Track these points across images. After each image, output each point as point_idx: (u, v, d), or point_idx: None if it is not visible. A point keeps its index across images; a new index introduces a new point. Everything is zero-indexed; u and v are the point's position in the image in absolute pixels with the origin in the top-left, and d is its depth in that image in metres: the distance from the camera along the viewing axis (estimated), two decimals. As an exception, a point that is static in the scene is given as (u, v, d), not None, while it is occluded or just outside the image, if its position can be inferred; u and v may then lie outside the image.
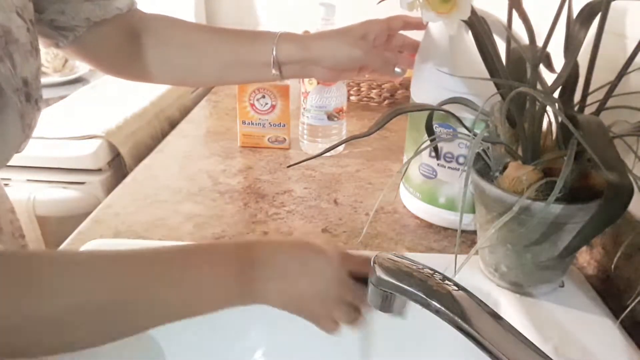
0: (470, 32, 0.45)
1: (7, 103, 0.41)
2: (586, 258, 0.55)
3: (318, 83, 0.80)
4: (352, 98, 1.14)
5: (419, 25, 0.61)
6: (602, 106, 0.43)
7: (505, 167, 0.46)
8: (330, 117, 0.84)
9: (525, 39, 0.43)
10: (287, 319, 0.59)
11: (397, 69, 0.62)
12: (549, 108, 0.43)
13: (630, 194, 0.32)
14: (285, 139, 0.89)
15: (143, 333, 0.54)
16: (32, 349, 0.33)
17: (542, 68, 0.45)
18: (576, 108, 0.44)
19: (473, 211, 0.53)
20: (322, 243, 0.43)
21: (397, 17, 0.59)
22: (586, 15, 0.42)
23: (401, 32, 0.62)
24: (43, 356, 0.36)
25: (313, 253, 0.42)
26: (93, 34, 0.56)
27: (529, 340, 0.30)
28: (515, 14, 0.43)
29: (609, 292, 0.51)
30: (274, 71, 0.58)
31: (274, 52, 0.57)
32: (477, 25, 0.43)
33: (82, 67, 1.32)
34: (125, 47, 0.59)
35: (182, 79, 0.64)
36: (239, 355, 0.57)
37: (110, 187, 0.90)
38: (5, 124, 0.42)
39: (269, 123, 0.87)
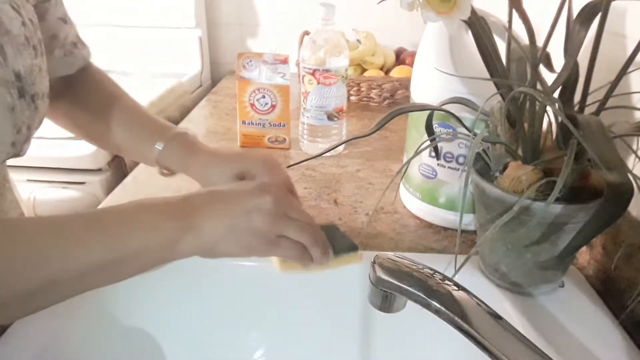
0: (470, 32, 0.45)
1: None
2: (586, 258, 0.55)
3: (318, 83, 0.80)
4: (352, 98, 1.15)
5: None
6: (602, 106, 0.43)
7: (505, 167, 0.46)
8: (330, 117, 0.84)
9: (525, 39, 0.43)
10: (287, 320, 0.59)
11: None
12: (549, 108, 0.43)
13: (630, 194, 0.33)
14: (285, 139, 0.88)
15: (141, 333, 0.54)
16: None
17: (542, 68, 0.45)
18: (576, 108, 0.44)
19: (473, 211, 0.53)
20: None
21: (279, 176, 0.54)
22: (586, 15, 0.42)
23: None
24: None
25: (248, 193, 0.42)
26: None
27: (529, 340, 0.30)
28: (515, 14, 0.43)
29: (609, 292, 0.51)
30: (159, 168, 0.59)
31: (157, 156, 0.57)
32: (477, 25, 0.43)
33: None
34: (59, 90, 0.57)
35: (88, 139, 0.63)
36: (239, 355, 0.57)
37: (110, 187, 0.90)
38: None
39: (269, 123, 0.87)
